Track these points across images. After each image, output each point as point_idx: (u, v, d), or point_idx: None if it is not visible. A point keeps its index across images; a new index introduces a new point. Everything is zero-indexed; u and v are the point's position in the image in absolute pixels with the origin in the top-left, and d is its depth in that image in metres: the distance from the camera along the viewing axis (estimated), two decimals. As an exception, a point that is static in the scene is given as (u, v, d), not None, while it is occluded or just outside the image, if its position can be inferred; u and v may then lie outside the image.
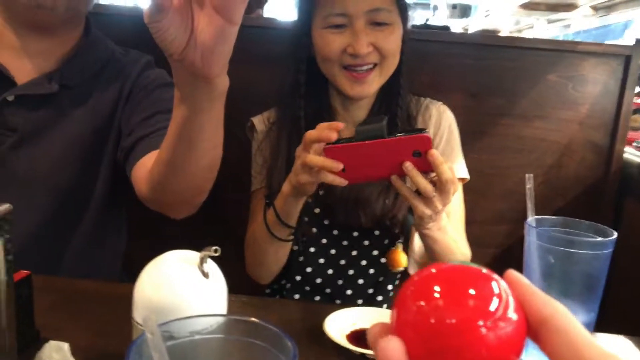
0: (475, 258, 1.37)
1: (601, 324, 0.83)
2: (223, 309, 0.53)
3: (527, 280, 0.30)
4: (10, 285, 0.50)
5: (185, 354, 0.38)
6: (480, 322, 0.27)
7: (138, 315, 0.49)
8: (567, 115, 1.44)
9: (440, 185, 0.86)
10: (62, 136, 1.04)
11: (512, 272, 0.30)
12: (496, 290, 0.28)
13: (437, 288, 0.29)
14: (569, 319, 0.27)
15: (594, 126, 1.44)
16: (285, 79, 1.17)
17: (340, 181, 0.87)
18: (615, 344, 0.89)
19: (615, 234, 0.73)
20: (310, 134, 0.88)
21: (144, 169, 0.96)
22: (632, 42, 1.41)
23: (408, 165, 0.84)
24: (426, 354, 0.28)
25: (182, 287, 0.48)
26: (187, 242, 0.65)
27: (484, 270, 0.30)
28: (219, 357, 0.42)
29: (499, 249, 1.50)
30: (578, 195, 1.47)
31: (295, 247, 1.17)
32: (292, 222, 1.03)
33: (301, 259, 1.17)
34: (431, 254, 1.03)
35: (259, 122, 1.21)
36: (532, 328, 0.28)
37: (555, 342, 0.27)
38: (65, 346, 0.63)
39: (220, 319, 0.43)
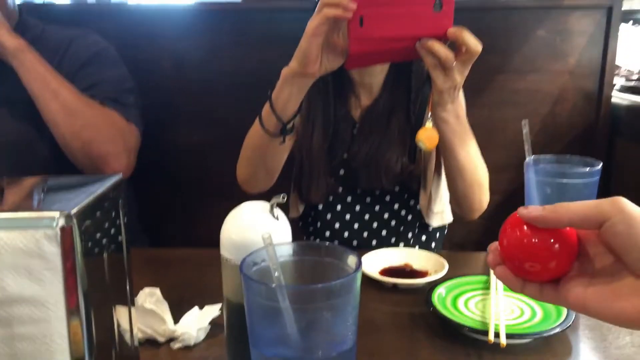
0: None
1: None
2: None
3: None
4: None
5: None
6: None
7: (225, 251, 0.63)
8: (557, 67, 1.57)
9: (464, 55, 0.88)
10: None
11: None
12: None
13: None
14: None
15: (583, 75, 1.56)
16: None
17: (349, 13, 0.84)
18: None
19: (601, 163, 0.87)
20: None
21: None
22: (612, -6, 1.53)
23: (424, 41, 0.86)
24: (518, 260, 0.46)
25: (260, 228, 0.61)
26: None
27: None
28: (301, 273, 0.55)
29: (502, 195, 1.63)
30: (572, 140, 1.60)
31: (321, 206, 1.31)
32: (284, 115, 1.03)
33: (329, 216, 1.31)
34: (449, 154, 1.04)
35: None
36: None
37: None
38: (157, 291, 0.77)
39: (296, 245, 0.56)
